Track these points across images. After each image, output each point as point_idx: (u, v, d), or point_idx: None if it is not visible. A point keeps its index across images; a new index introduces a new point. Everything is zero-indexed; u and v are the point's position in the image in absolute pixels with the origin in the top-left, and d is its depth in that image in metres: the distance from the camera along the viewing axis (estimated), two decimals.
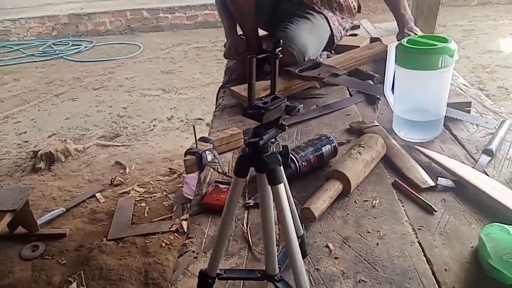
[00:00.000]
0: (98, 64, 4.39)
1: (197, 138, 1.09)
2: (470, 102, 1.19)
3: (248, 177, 0.60)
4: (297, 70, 1.42)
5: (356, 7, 1.77)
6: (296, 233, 0.73)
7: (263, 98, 0.57)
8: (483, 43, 4.02)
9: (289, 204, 0.67)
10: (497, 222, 0.74)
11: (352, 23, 1.80)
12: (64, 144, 2.69)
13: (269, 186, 0.57)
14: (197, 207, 0.93)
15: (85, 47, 4.91)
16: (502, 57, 3.65)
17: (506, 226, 0.69)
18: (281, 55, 0.56)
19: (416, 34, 1.57)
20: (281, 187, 0.57)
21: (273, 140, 0.58)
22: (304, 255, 0.77)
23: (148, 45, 4.79)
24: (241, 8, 1.58)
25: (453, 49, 0.98)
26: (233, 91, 1.41)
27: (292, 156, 0.98)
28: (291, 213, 0.70)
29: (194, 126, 0.95)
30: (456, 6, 5.32)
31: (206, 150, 1.05)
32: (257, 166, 0.57)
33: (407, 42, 1.03)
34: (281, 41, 0.56)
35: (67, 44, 5.02)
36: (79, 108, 3.40)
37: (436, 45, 0.97)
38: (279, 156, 0.58)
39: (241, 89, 1.41)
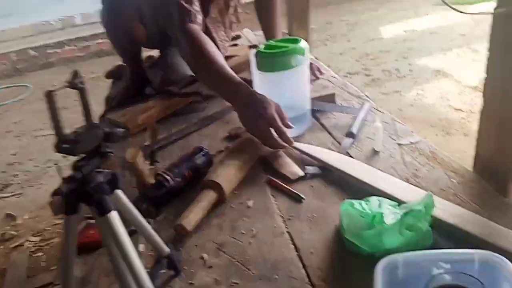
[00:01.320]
0: None
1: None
2: (334, 94, 1.27)
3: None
4: (177, 88, 1.42)
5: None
6: (160, 254, 0.73)
7: (77, 129, 0.56)
8: (366, 33, 4.33)
9: (144, 229, 0.66)
10: (355, 198, 0.79)
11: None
12: None
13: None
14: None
15: None
16: (383, 44, 3.95)
17: (354, 201, 0.74)
18: (82, 86, 0.55)
19: None
20: (112, 216, 0.55)
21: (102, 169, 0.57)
22: (177, 273, 0.76)
23: (39, 84, 4.49)
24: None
25: (303, 48, 1.04)
26: (110, 119, 1.37)
27: (165, 175, 0.97)
28: (151, 237, 0.69)
29: (58, 166, 0.90)
30: (341, 3, 5.66)
31: None
32: (83, 199, 0.56)
33: (264, 48, 1.08)
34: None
35: None
36: None
37: (288, 47, 1.04)
38: (105, 185, 0.57)
39: (118, 116, 1.37)
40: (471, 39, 3.45)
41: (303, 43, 1.07)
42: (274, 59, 1.06)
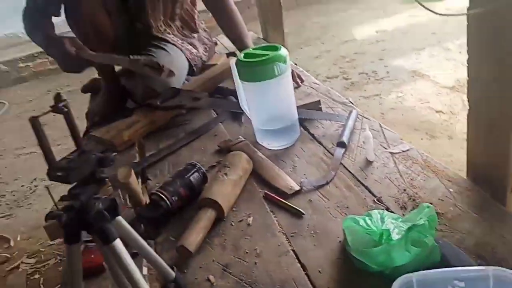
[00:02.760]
0: None
1: (59, 198, 1.00)
2: (319, 100, 1.27)
3: None
4: (158, 102, 1.39)
5: (197, 18, 1.77)
6: (166, 279, 0.71)
7: (69, 156, 0.54)
8: (339, 35, 4.37)
9: (147, 253, 0.64)
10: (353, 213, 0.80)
11: (206, 45, 1.81)
12: None
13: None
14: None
15: None
16: (357, 45, 4.00)
17: (357, 217, 0.74)
18: (66, 110, 0.53)
19: None
20: (117, 244, 0.54)
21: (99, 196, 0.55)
22: None
23: (14, 100, 4.35)
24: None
25: (284, 56, 1.04)
26: (94, 136, 1.34)
27: (161, 194, 0.95)
28: (155, 262, 0.67)
29: (48, 187, 0.87)
30: (310, 4, 5.71)
31: None
32: (84, 227, 0.54)
33: (243, 56, 1.07)
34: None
35: None
36: None
37: (268, 54, 1.02)
38: (105, 212, 0.55)
39: (103, 133, 1.34)
40: (442, 37, 3.52)
41: (283, 50, 1.05)
42: (255, 68, 1.03)
